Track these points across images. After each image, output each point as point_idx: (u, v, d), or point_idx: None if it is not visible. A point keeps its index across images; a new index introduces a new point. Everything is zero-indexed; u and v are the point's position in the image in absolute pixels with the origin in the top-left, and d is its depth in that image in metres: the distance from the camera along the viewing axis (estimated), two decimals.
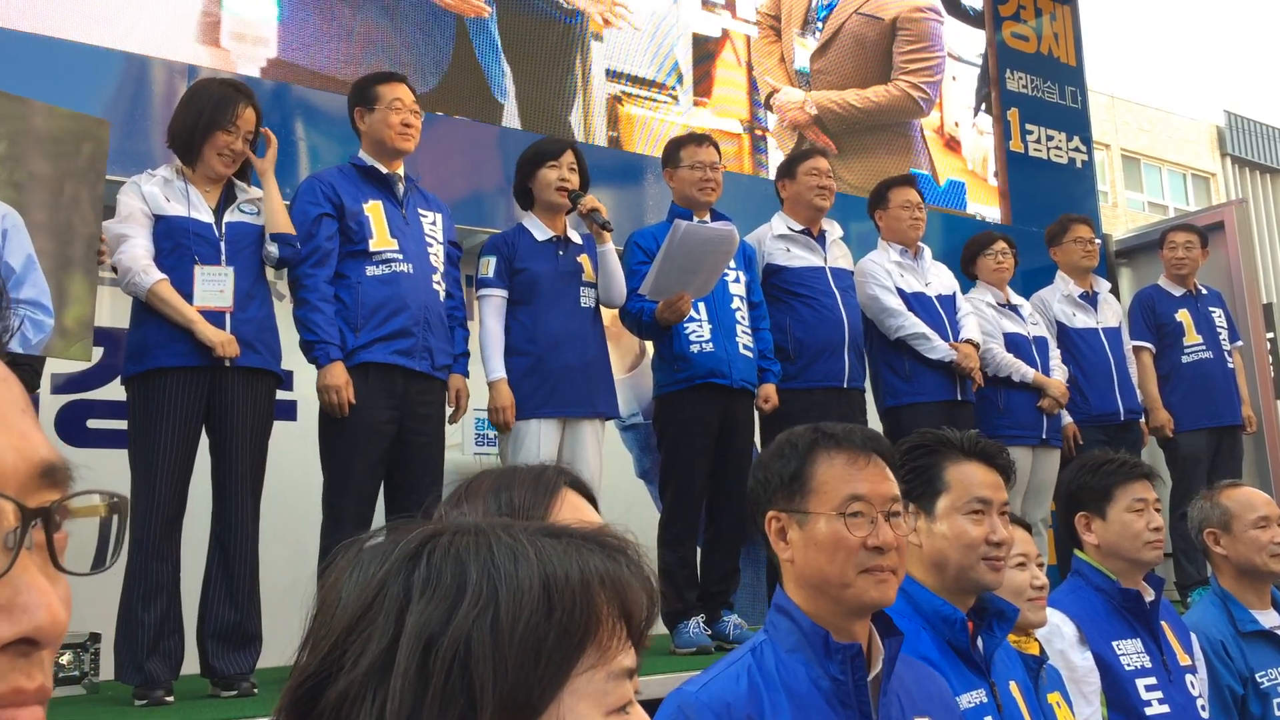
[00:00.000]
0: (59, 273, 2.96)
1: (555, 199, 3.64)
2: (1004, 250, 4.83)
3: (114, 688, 3.10)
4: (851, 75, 6.29)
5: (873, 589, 1.53)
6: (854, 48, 6.32)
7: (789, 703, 1.49)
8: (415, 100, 3.49)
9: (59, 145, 3.09)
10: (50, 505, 0.54)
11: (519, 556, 0.67)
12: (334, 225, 3.32)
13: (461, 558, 0.67)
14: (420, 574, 0.67)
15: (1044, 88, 6.98)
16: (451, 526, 0.70)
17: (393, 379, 3.26)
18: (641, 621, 0.72)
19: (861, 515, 1.55)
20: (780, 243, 4.20)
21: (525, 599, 0.65)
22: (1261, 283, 6.84)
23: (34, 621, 0.51)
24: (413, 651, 0.64)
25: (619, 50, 5.43)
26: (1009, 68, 6.84)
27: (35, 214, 2.94)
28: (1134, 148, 20.05)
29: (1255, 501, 2.79)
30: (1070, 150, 6.98)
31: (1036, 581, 2.19)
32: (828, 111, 6.14)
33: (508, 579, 0.66)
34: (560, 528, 0.73)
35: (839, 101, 6.19)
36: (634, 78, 5.46)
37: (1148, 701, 2.34)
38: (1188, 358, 5.26)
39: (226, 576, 3.05)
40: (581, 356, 3.58)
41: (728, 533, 3.84)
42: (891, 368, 4.39)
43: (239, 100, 3.16)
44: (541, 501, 1.17)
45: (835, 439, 1.60)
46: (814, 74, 6.16)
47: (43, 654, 0.53)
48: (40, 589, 0.52)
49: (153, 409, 2.98)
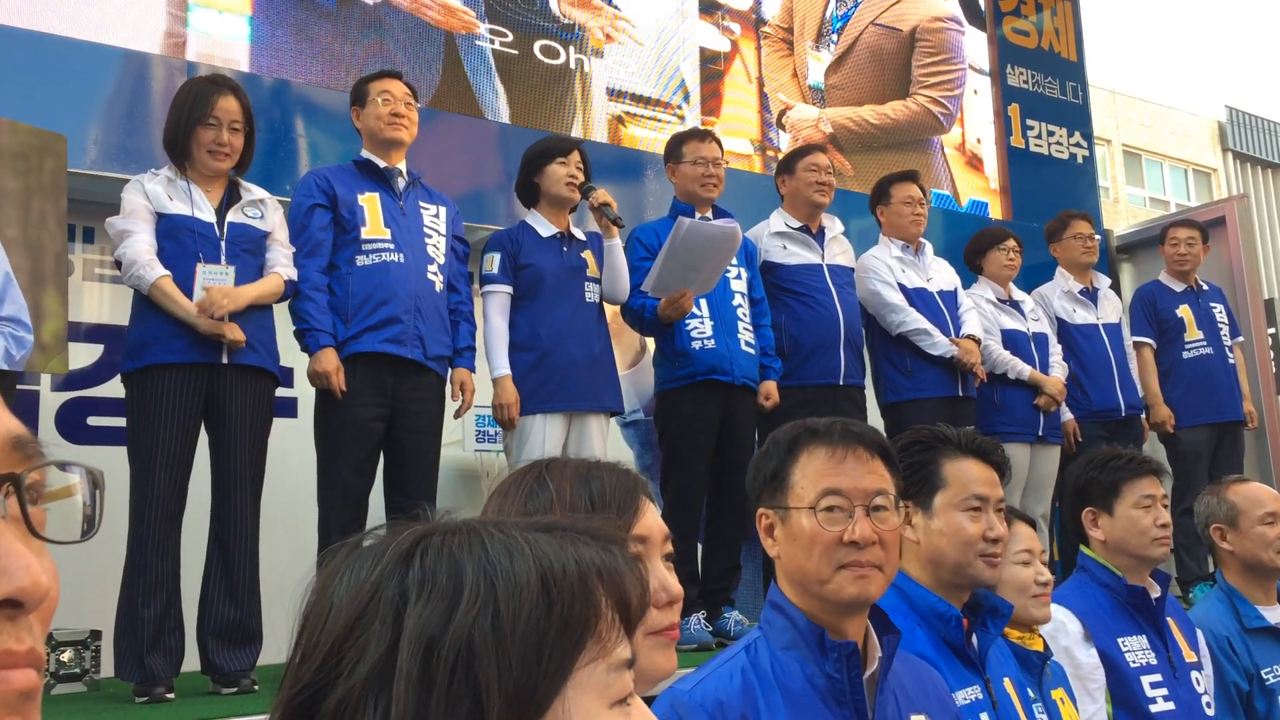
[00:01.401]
0: (34, 288, 2.97)
1: (564, 194, 3.62)
2: (1015, 248, 4.83)
3: (115, 685, 3.09)
4: (868, 90, 6.09)
5: (850, 585, 1.50)
6: (871, 61, 6.14)
7: (784, 701, 1.47)
8: (409, 93, 3.49)
9: (25, 161, 3.11)
10: (22, 472, 0.56)
11: (514, 552, 0.66)
12: (327, 216, 3.32)
13: (456, 556, 0.66)
14: (415, 575, 0.65)
15: (1045, 83, 6.96)
16: (442, 525, 0.69)
17: (381, 374, 3.26)
18: (636, 613, 0.71)
19: (838, 510, 1.52)
20: (777, 240, 4.20)
21: (524, 594, 0.65)
22: (1263, 278, 6.83)
23: (15, 583, 0.53)
24: (414, 655, 0.63)
25: (620, 67, 5.23)
26: (1010, 63, 6.83)
27: (8, 230, 2.95)
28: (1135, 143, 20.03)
29: (1263, 497, 2.77)
30: (1071, 146, 6.97)
31: (1040, 578, 2.19)
32: (843, 130, 5.99)
33: (504, 575, 0.65)
34: (552, 522, 0.72)
35: (855, 119, 6.02)
36: (637, 96, 5.27)
37: (1153, 699, 2.33)
38: (1189, 353, 5.25)
39: (226, 574, 3.04)
40: (586, 351, 3.57)
41: (728, 529, 3.84)
42: (893, 363, 4.39)
43: (214, 93, 3.14)
44: (630, 504, 1.16)
45: (817, 434, 1.58)
46: (829, 89, 5.99)
47: (31, 619, 0.54)
48: (18, 553, 0.54)
49: (150, 405, 2.98)
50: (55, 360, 3.12)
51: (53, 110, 3.67)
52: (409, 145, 3.51)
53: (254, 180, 3.34)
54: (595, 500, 1.14)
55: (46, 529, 0.57)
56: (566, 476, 1.16)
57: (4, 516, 0.55)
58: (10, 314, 2.68)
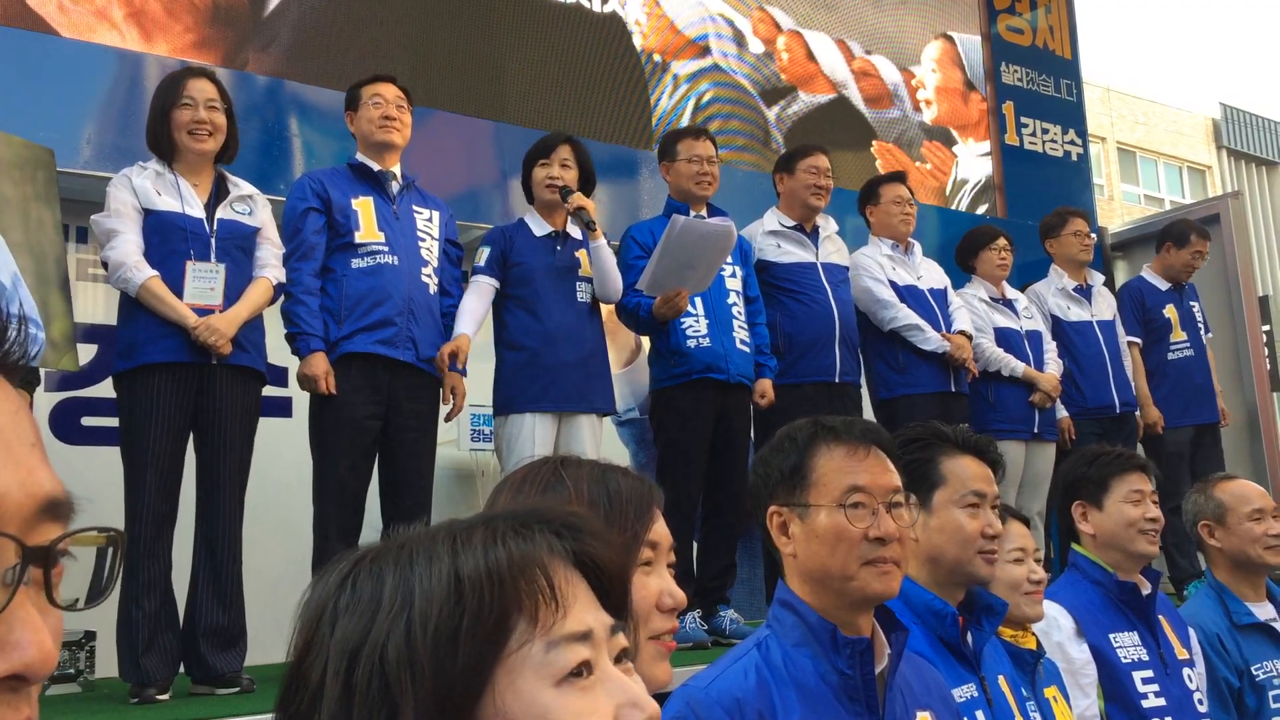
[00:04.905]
0: (39, 289, 2.99)
1: (545, 196, 3.64)
2: (1006, 247, 4.83)
3: (109, 685, 3.09)
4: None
5: (875, 581, 1.52)
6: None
7: (798, 697, 1.48)
8: (402, 95, 3.49)
9: (20, 171, 3.14)
10: (50, 544, 0.55)
11: (433, 558, 0.69)
12: (320, 220, 3.32)
13: (381, 573, 0.70)
14: (345, 596, 0.69)
15: (1039, 81, 6.97)
16: (384, 544, 0.73)
17: (376, 373, 3.26)
18: (605, 584, 0.74)
19: (862, 506, 1.53)
20: (771, 239, 4.20)
21: (435, 595, 0.67)
22: (1257, 275, 6.84)
23: (24, 659, 0.52)
24: (337, 671, 0.67)
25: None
26: (1004, 61, 6.83)
27: (11, 234, 2.96)
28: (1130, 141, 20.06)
29: (1249, 494, 2.79)
30: (1066, 143, 6.98)
31: (1034, 576, 2.19)
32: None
33: (421, 581, 0.68)
34: (509, 512, 0.75)
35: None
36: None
37: (1144, 694, 2.33)
38: (1173, 354, 5.27)
39: (214, 576, 3.02)
40: (578, 352, 3.57)
41: (724, 528, 3.84)
42: (885, 360, 4.39)
43: (184, 76, 3.15)
44: (646, 509, 1.17)
45: (835, 432, 1.59)
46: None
47: (31, 688, 0.54)
48: (34, 626, 0.53)
49: (142, 405, 2.97)
50: (67, 357, 3.13)
51: (45, 110, 3.68)
52: (402, 148, 3.50)
53: (248, 180, 3.34)
54: (613, 500, 1.15)
55: (60, 588, 0.56)
56: (584, 475, 1.17)
57: (27, 584, 0.53)
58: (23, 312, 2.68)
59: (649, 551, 1.17)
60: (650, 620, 1.16)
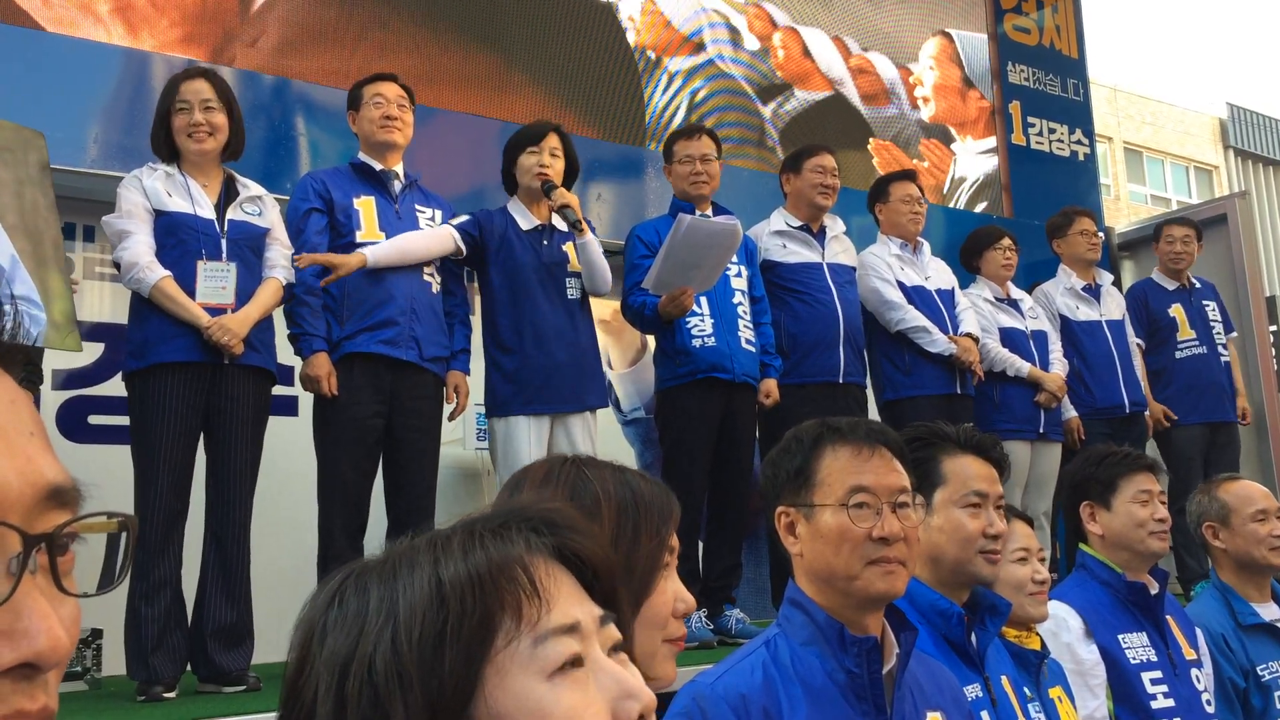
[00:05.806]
0: (39, 270, 2.99)
1: (532, 184, 3.57)
2: (1011, 247, 4.83)
3: (116, 683, 3.10)
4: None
5: (880, 580, 1.53)
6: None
7: (805, 695, 1.49)
8: (404, 95, 3.48)
9: (12, 154, 3.14)
10: (53, 531, 0.54)
11: (415, 568, 0.70)
12: (323, 220, 3.33)
13: (366, 587, 0.70)
14: (334, 612, 0.70)
15: (1046, 80, 6.96)
16: (370, 560, 0.73)
17: (379, 372, 3.26)
18: (590, 576, 0.75)
19: (866, 506, 1.54)
20: (777, 239, 4.20)
21: (418, 604, 0.68)
22: (1265, 275, 6.83)
23: (35, 647, 0.52)
24: (329, 686, 0.67)
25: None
26: (1011, 60, 6.82)
27: (8, 217, 2.97)
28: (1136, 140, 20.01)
29: (1253, 495, 2.78)
30: (1072, 143, 6.97)
31: (1038, 576, 2.19)
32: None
33: (404, 592, 0.69)
34: (500, 515, 0.75)
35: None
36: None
37: (1153, 695, 2.33)
38: (1181, 353, 5.25)
39: (224, 575, 3.03)
40: (569, 351, 3.53)
41: (730, 527, 3.83)
42: (891, 361, 4.39)
43: (180, 80, 3.15)
44: (668, 513, 1.18)
45: (840, 432, 1.60)
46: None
47: (47, 676, 0.53)
48: (42, 614, 0.53)
49: (153, 405, 2.98)
50: (69, 338, 3.13)
51: (52, 108, 3.68)
52: (404, 147, 3.50)
53: (254, 179, 3.34)
54: (638, 502, 1.16)
55: (71, 575, 0.56)
56: (607, 476, 1.18)
57: (33, 572, 0.53)
58: (22, 293, 2.69)
59: (668, 556, 1.18)
60: (668, 626, 1.17)
